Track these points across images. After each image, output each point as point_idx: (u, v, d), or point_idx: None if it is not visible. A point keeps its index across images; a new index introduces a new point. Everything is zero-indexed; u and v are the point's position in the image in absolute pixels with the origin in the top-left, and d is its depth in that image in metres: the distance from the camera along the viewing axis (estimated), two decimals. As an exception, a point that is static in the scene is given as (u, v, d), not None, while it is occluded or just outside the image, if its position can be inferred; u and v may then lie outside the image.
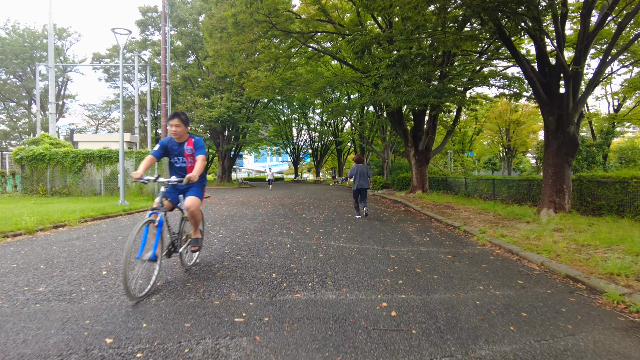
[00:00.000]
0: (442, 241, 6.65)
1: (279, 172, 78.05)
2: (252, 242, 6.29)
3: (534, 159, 67.79)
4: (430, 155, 17.34)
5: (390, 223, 8.95)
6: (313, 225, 8.38)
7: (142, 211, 11.59)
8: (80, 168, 14.64)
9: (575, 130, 8.37)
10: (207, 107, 28.36)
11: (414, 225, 8.73)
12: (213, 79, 29.84)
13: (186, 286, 3.86)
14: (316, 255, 5.30)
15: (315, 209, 12.15)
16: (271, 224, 8.39)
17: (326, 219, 9.42)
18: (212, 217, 9.90)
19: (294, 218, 9.63)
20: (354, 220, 9.37)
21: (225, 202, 15.03)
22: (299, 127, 51.63)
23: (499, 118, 40.90)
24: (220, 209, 11.97)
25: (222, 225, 8.32)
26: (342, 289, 3.83)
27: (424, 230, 7.86)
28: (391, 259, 5.18)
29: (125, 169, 15.28)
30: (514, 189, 12.76)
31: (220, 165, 32.63)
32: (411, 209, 12.48)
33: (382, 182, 24.59)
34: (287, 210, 11.52)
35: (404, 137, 17.37)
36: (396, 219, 9.73)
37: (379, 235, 7.08)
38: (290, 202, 14.62)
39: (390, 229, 7.92)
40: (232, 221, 8.96)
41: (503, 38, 8.50)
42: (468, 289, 3.92)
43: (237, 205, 13.53)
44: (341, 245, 6.09)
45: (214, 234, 7.07)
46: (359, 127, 31.48)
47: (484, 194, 14.80)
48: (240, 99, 28.26)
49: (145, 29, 34.05)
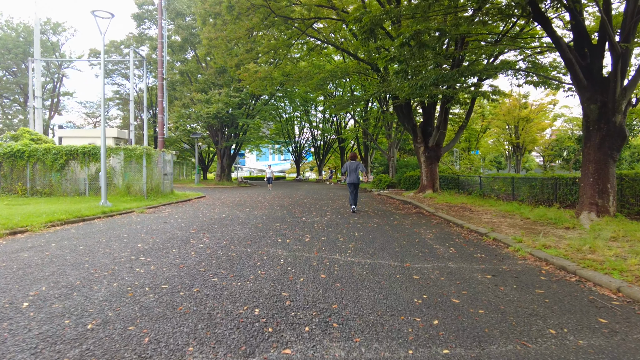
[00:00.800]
0: (472, 253, 5.42)
1: (280, 171, 76.92)
2: (238, 255, 5.09)
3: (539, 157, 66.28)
4: (442, 152, 16.10)
5: (404, 228, 7.73)
6: (314, 231, 7.17)
7: (124, 213, 10.44)
8: (62, 166, 13.51)
9: (622, 120, 7.12)
10: (204, 103, 27.19)
11: (431, 230, 7.51)
12: (211, 74, 28.65)
13: (126, 332, 2.67)
14: (317, 276, 4.09)
15: (317, 210, 10.94)
16: (265, 230, 7.20)
17: (329, 223, 8.22)
18: (199, 220, 8.72)
19: (292, 222, 8.43)
20: (361, 224, 8.16)
21: (219, 202, 13.85)
22: (301, 125, 50.44)
23: (508, 115, 39.50)
24: (211, 211, 10.79)
25: (207, 231, 7.13)
26: (354, 337, 2.62)
27: (445, 238, 6.63)
28: (415, 282, 3.96)
29: (112, 167, 14.15)
30: (538, 188, 11.50)
31: (219, 163, 31.46)
32: (424, 210, 11.26)
33: (387, 181, 23.34)
34: (285, 213, 10.32)
35: (413, 132, 16.13)
36: (409, 223, 8.50)
37: (393, 245, 5.86)
38: (290, 203, 13.42)
39: (406, 237, 6.70)
40: (220, 226, 7.77)
41: (536, 12, 7.25)
42: (535, 336, 2.71)
43: (231, 206, 12.35)
44: (348, 259, 4.88)
45: (193, 244, 5.87)
46: (362, 123, 30.25)
47: (501, 194, 13.54)
48: (239, 94, 27.07)
49: (141, 23, 32.90)
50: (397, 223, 8.54)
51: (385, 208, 11.96)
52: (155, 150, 14.77)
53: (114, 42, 39.16)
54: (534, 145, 42.56)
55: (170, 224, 8.21)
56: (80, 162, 13.74)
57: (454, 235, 7.06)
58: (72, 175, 13.82)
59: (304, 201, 14.29)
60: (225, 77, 28.78)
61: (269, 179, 24.33)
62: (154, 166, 14.64)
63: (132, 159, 14.04)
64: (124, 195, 13.59)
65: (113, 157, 13.85)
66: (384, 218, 9.37)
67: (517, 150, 40.95)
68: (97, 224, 8.44)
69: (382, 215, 9.87)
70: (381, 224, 8.35)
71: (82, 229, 7.51)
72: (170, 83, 30.75)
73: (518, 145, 40.62)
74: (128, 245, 5.84)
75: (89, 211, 9.68)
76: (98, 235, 6.71)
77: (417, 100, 16.63)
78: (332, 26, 16.67)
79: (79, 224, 8.42)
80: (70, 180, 13.83)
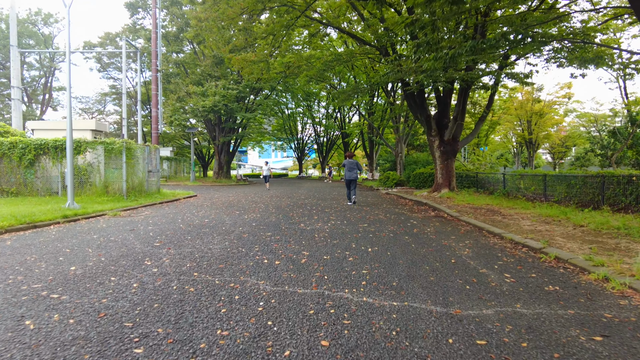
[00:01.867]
0: (539, 284, 3.75)
1: (283, 168, 75.28)
2: (198, 291, 3.44)
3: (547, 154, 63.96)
4: (459, 147, 14.38)
5: (428, 239, 6.07)
6: (314, 245, 5.53)
7: (93, 217, 8.86)
8: (32, 162, 11.97)
9: None
10: (200, 96, 25.58)
11: (463, 242, 5.84)
12: (208, 65, 27.01)
13: None
14: (314, 345, 2.43)
15: (319, 214, 9.29)
16: (250, 244, 5.55)
17: (334, 232, 6.57)
18: (173, 228, 7.10)
19: (287, 230, 6.79)
20: (374, 234, 6.50)
21: (209, 203, 12.25)
22: (303, 121, 48.75)
23: (520, 109, 37.60)
24: (194, 215, 9.17)
25: (175, 244, 5.51)
26: None
27: (487, 255, 4.96)
28: (481, 354, 2.31)
29: (90, 163, 12.57)
30: (578, 188, 9.78)
31: (217, 160, 29.84)
32: (444, 214, 9.58)
33: (395, 179, 21.64)
34: (280, 217, 8.68)
35: (426, 124, 14.41)
36: (432, 231, 6.84)
37: (423, 270, 4.20)
38: (289, 204, 11.79)
39: (435, 253, 5.03)
40: (195, 237, 6.14)
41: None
42: None
43: (220, 208, 10.74)
44: (364, 301, 3.22)
45: (146, 267, 4.25)
46: (368, 117, 28.53)
47: (529, 194, 11.82)
48: (237, 86, 25.42)
49: (135, 12, 31.26)
50: (417, 231, 6.87)
51: (398, 210, 10.28)
52: (138, 145, 13.18)
53: (108, 34, 37.56)
54: (548, 141, 40.55)
55: (136, 232, 6.60)
56: (52, 158, 12.17)
57: (496, 249, 5.38)
58: (43, 172, 12.26)
59: (305, 202, 12.64)
60: (222, 68, 27.14)
61: (266, 177, 21.78)
62: (136, 162, 13.05)
63: (112, 154, 12.46)
64: (101, 194, 12.01)
65: (89, 152, 12.27)
66: (400, 224, 7.71)
67: (530, 146, 39.03)
68: (49, 232, 6.85)
69: (396, 221, 8.21)
70: (398, 232, 6.69)
71: (19, 240, 5.91)
72: (165, 75, 29.17)
73: (531, 141, 38.68)
74: (58, 267, 4.23)
75: (48, 215, 8.09)
76: (31, 250, 5.11)
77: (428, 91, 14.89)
78: (337, 10, 14.96)
79: (26, 232, 6.82)
80: (41, 178, 12.27)
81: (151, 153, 13.96)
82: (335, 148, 49.36)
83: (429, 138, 14.58)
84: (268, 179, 21.76)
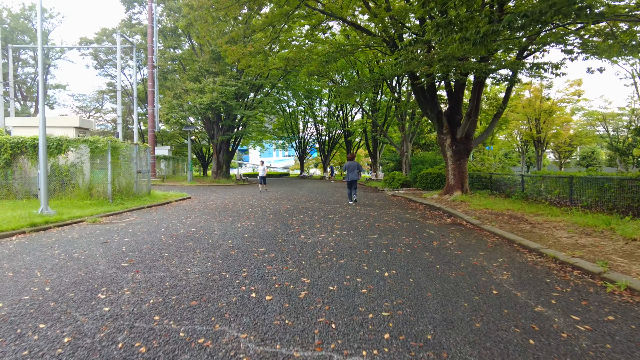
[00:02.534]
0: (632, 338, 2.72)
1: (284, 168, 74.26)
2: (151, 355, 2.42)
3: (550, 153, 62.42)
4: (472, 146, 13.31)
5: (453, 256, 5.03)
6: (316, 267, 4.50)
7: (68, 224, 7.87)
8: (8, 162, 11.00)
9: None
10: (197, 93, 24.57)
11: (496, 261, 4.81)
12: (206, 61, 25.99)
13: None
14: None
15: (321, 220, 8.26)
16: (237, 265, 4.52)
17: (340, 247, 5.54)
18: (153, 240, 6.08)
19: (285, 244, 5.76)
20: (388, 248, 5.46)
21: (201, 207, 11.24)
22: (305, 120, 47.70)
23: (528, 107, 36.41)
24: (182, 221, 8.16)
25: (147, 265, 4.49)
26: None
27: (535, 284, 3.92)
28: None
29: (73, 163, 11.57)
30: (612, 191, 8.71)
31: (215, 159, 28.81)
32: (462, 221, 8.53)
33: (401, 180, 20.58)
34: (278, 225, 7.66)
35: (437, 122, 13.35)
36: (455, 245, 5.80)
37: (462, 309, 3.17)
38: (288, 209, 10.77)
39: (470, 281, 3.99)
40: (173, 253, 5.12)
41: None
42: None
43: (213, 213, 9.72)
44: (391, 373, 2.19)
45: (98, 301, 3.22)
46: (371, 115, 27.47)
47: (552, 198, 10.76)
48: (236, 82, 24.40)
49: (130, 6, 30.23)
50: (437, 245, 5.84)
51: (409, 216, 9.24)
52: (125, 143, 12.19)
53: (105, 29, 36.51)
54: (557, 140, 39.34)
55: (108, 246, 5.59)
56: (30, 158, 11.18)
57: (540, 272, 4.34)
58: (21, 173, 11.27)
59: (306, 205, 11.61)
60: (221, 64, 26.11)
61: (263, 178, 19.12)
62: (123, 163, 12.06)
63: (97, 153, 11.47)
64: (84, 198, 11.02)
65: (72, 151, 11.26)
66: (415, 234, 6.67)
67: (538, 145, 37.85)
68: (5, 245, 5.85)
69: (410, 230, 7.16)
70: (415, 246, 5.65)
71: (-36, 258, 4.91)
72: (162, 72, 28.19)
73: (539, 139, 37.50)
74: (-20, 304, 3.22)
75: (12, 223, 7.10)
76: (-37, 275, 4.10)
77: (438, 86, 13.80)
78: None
79: (-21, 245, 5.82)
80: (19, 180, 11.28)
81: (140, 152, 12.96)
82: (338, 147, 48.28)
83: (440, 136, 13.51)
84: (265, 181, 19.36)
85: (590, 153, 62.73)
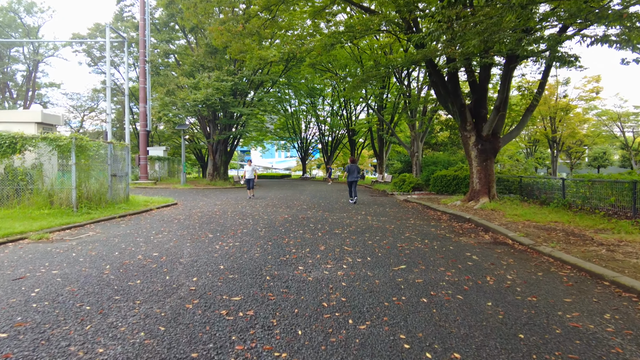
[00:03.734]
0: None
1: (286, 169, 72.34)
2: None
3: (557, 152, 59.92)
4: (500, 144, 11.47)
5: (530, 307, 3.20)
6: (320, 338, 2.68)
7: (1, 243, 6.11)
8: (-46, 163, 9.31)
9: None
10: (191, 89, 22.85)
11: (599, 316, 2.99)
12: (201, 55, 24.29)
13: None
14: None
15: (326, 238, 6.45)
16: (189, 337, 2.71)
17: (355, 290, 3.70)
18: (95, 272, 4.28)
19: (273, 286, 3.94)
20: (429, 294, 3.62)
21: (184, 215, 9.47)
22: (307, 120, 45.92)
23: (543, 104, 34.42)
24: (150, 239, 6.37)
25: (39, 337, 2.69)
26: None
27: None
28: None
29: (35, 165, 9.81)
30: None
31: (212, 160, 27.01)
32: (506, 239, 6.68)
33: (412, 182, 18.73)
34: (269, 246, 5.85)
35: (460, 116, 11.51)
36: (519, 283, 3.96)
37: None
38: (285, 219, 8.97)
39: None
40: (101, 303, 3.32)
41: None
42: None
43: (192, 226, 7.94)
44: None
45: None
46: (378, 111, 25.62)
47: (607, 207, 8.88)
48: (232, 78, 22.65)
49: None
50: (494, 282, 4.02)
51: (435, 231, 7.40)
52: (98, 142, 10.45)
53: (98, 25, 34.96)
54: (573, 140, 37.31)
55: (16, 287, 3.81)
56: (-22, 158, 9.42)
57: None
58: (-28, 176, 9.53)
59: (307, 214, 9.80)
60: (217, 58, 24.41)
61: (250, 182, 15.02)
62: (94, 164, 10.31)
63: (62, 153, 9.73)
64: (42, 206, 9.27)
65: (30, 151, 9.52)
66: (455, 262, 4.84)
67: (554, 145, 35.84)
68: None
69: (445, 254, 5.33)
70: (467, 287, 3.80)
71: None
72: (155, 67, 26.50)
73: (554, 139, 35.47)
74: None
75: None
76: None
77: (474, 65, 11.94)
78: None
79: None
80: (-32, 184, 9.54)
81: (116, 152, 11.20)
82: (341, 147, 46.43)
83: (463, 134, 11.67)
84: (252, 184, 15.05)
85: (602, 154, 60.54)
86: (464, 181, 16.38)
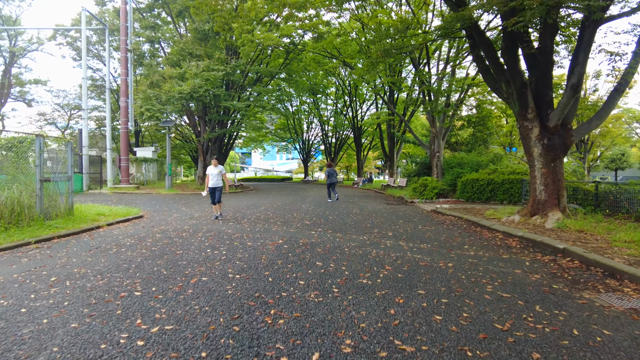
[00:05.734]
0: None
1: (287, 171, 69.21)
2: None
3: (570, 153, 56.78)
4: (574, 139, 8.42)
5: None
6: None
7: None
8: None
9: None
10: (177, 80, 19.95)
11: None
12: (189, 42, 21.39)
13: None
14: None
15: (351, 312, 3.44)
16: None
17: None
18: None
19: None
20: None
21: (134, 240, 6.49)
22: (309, 120, 42.94)
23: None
24: (23, 304, 3.38)
25: None
26: None
27: None
28: None
29: None
30: None
31: (202, 162, 23.98)
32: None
33: (436, 188, 15.69)
34: (239, 329, 2.84)
35: (519, 99, 8.48)
36: None
37: None
38: (277, 250, 5.96)
39: None
40: None
41: None
42: None
43: (127, 267, 4.96)
44: None
45: None
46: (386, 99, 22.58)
47: None
48: (224, 67, 19.70)
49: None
50: None
51: (524, 275, 4.34)
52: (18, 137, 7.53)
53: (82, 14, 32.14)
54: (605, 140, 34.15)
55: None
56: None
57: None
58: None
59: (312, 239, 6.78)
60: (207, 45, 21.49)
61: (215, 191, 9.38)
62: (11, 167, 7.36)
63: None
64: None
65: None
66: None
67: (581, 145, 32.71)
68: None
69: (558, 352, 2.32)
70: None
71: None
72: (138, 57, 23.62)
73: (582, 139, 32.32)
74: None
75: None
76: None
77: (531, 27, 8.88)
78: None
79: None
80: None
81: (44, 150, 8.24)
82: (346, 148, 43.35)
83: (522, 123, 8.61)
84: (219, 196, 9.41)
85: (621, 155, 57.23)
86: (501, 187, 13.37)
